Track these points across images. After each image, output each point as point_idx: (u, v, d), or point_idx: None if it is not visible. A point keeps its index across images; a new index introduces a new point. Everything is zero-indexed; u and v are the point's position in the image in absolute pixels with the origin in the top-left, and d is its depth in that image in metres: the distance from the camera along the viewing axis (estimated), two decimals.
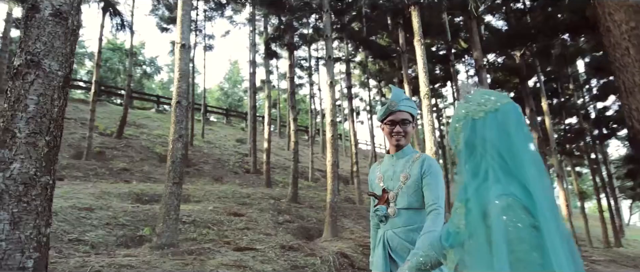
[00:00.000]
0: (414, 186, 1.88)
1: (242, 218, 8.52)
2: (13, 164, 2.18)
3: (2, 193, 2.12)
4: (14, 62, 2.33)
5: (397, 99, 1.98)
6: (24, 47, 2.33)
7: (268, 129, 14.27)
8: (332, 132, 9.00)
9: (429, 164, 1.90)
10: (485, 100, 1.10)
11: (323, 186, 17.76)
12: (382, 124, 2.04)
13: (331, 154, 8.93)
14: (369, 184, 2.10)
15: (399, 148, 1.98)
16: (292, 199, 11.49)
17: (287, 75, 12.92)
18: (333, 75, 9.23)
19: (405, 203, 1.89)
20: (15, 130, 2.21)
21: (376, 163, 2.14)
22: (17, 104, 2.25)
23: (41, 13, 2.38)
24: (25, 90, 2.27)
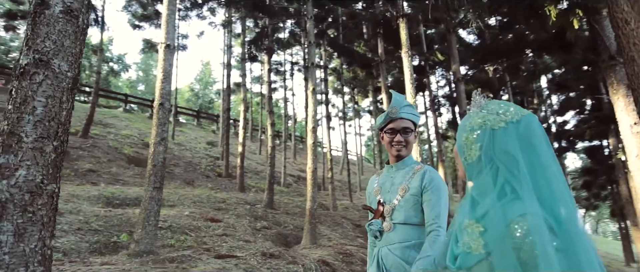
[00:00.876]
0: (412, 199, 1.73)
1: (219, 224, 8.32)
2: (18, 171, 2.02)
3: (7, 202, 1.96)
4: (20, 61, 2.17)
5: (398, 105, 1.83)
6: (32, 45, 2.17)
7: (243, 133, 14.06)
8: (312, 139, 8.98)
9: (430, 178, 1.74)
10: (504, 110, 1.03)
11: (296, 191, 17.68)
12: (381, 132, 1.89)
13: (312, 160, 8.90)
14: (367, 196, 1.98)
15: (399, 159, 1.84)
16: (267, 205, 11.34)
17: (265, 79, 12.79)
18: (315, 82, 9.23)
19: (402, 218, 1.73)
20: (21, 134, 2.05)
21: (375, 174, 2.02)
22: (23, 105, 2.09)
23: (51, 10, 2.23)
24: (33, 91, 2.12)
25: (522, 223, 0.89)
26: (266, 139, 22.32)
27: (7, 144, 2.02)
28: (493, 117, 1.02)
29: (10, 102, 2.10)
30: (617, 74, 5.92)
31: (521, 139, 0.97)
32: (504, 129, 0.99)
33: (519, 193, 0.94)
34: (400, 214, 1.74)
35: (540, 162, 0.96)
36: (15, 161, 2.02)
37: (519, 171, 0.95)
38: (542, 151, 0.97)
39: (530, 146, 0.97)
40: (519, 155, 0.96)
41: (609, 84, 6.01)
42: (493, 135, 1.00)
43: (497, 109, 1.04)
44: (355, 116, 25.24)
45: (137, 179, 12.55)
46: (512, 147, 0.97)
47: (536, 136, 0.98)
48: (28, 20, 2.23)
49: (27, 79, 2.12)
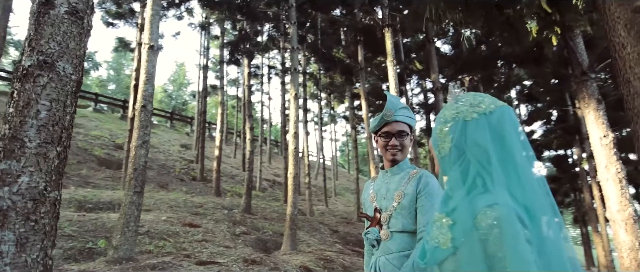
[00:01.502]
0: (409, 206, 1.66)
1: (198, 229, 8.14)
2: (21, 178, 1.93)
3: (8, 210, 1.87)
4: (22, 62, 2.08)
5: (393, 108, 1.75)
6: (35, 46, 2.09)
7: (220, 136, 13.86)
8: (294, 145, 8.98)
9: (425, 183, 1.67)
10: (479, 102, 1.00)
11: (271, 196, 17.56)
12: (375, 136, 1.82)
13: (293, 166, 8.88)
14: (363, 203, 1.90)
15: (394, 163, 1.76)
16: (245, 210, 11.21)
17: (243, 82, 12.68)
18: (298, 87, 9.24)
19: (399, 226, 1.66)
20: (24, 139, 1.97)
21: (369, 180, 1.94)
22: (27, 109, 2.00)
23: (56, 10, 2.15)
24: (37, 94, 2.04)
25: (489, 213, 0.86)
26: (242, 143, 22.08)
27: (9, 149, 1.93)
28: (466, 109, 0.99)
29: (12, 104, 2.01)
30: (588, 88, 6.24)
31: (493, 131, 0.94)
32: (476, 120, 0.96)
33: (488, 186, 0.91)
34: (397, 221, 1.67)
35: (512, 154, 0.92)
36: (17, 167, 1.93)
37: (490, 163, 0.92)
38: (514, 142, 0.94)
39: (502, 137, 0.94)
40: (490, 147, 0.93)
41: (581, 98, 6.33)
42: (465, 127, 0.97)
43: (472, 100, 1.01)
44: (330, 121, 25.36)
45: (109, 182, 12.12)
46: (483, 139, 0.94)
47: (509, 127, 0.95)
48: (31, 20, 2.14)
49: (31, 81, 2.04)
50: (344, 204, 21.06)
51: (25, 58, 2.08)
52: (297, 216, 8.93)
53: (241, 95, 23.69)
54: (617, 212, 5.74)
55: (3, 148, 1.94)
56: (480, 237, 0.87)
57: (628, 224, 5.63)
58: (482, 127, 0.95)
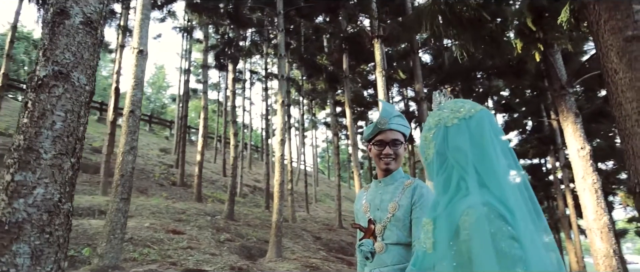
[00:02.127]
0: (403, 218, 1.62)
1: (182, 236, 8.03)
2: (36, 189, 1.91)
3: (24, 222, 1.85)
4: (36, 72, 2.06)
5: (387, 116, 1.72)
6: (50, 56, 2.08)
7: (202, 141, 13.70)
8: (281, 151, 8.99)
9: (420, 194, 1.63)
10: (459, 107, 1.02)
11: (252, 202, 17.45)
12: (369, 144, 1.77)
13: (279, 173, 8.89)
14: (355, 213, 1.84)
15: (387, 172, 1.72)
16: (228, 216, 11.11)
17: (229, 88, 12.62)
18: (285, 94, 9.28)
19: (394, 238, 1.61)
20: (40, 150, 1.95)
21: (362, 190, 1.89)
22: (42, 120, 1.99)
23: (71, 20, 2.15)
24: (52, 105, 2.02)
25: (468, 216, 0.87)
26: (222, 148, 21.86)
27: (25, 160, 1.92)
28: (447, 115, 1.01)
29: (26, 115, 1.99)
30: (567, 102, 6.54)
31: (472, 135, 0.96)
32: (457, 125, 0.98)
33: (471, 188, 0.93)
34: (392, 233, 1.62)
35: (489, 157, 0.94)
36: (33, 179, 1.91)
37: (471, 167, 0.94)
38: (493, 146, 0.95)
39: (481, 141, 0.95)
40: (469, 150, 0.95)
41: (560, 112, 6.62)
42: (446, 132, 0.99)
43: (453, 106, 1.03)
44: (311, 127, 25.44)
45: (86, 187, 11.78)
46: (463, 143, 0.96)
47: (487, 131, 0.97)
48: (45, 29, 2.13)
49: (46, 91, 2.02)
50: (324, 211, 21.11)
51: (39, 68, 2.06)
52: (282, 223, 8.93)
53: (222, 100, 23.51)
54: (593, 221, 6.02)
55: (18, 159, 1.91)
56: (463, 238, 0.88)
57: (603, 232, 5.91)
58: (462, 131, 0.97)
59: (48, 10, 2.18)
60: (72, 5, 2.17)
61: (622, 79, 2.07)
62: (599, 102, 10.49)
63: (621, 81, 2.08)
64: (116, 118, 11.77)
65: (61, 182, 2.00)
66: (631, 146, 2.08)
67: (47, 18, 2.15)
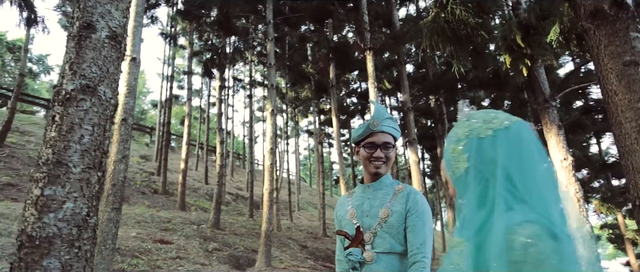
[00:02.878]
0: (397, 225, 1.52)
1: (170, 246, 7.91)
2: (66, 204, 1.91)
3: (54, 237, 1.84)
4: (63, 85, 2.06)
5: (380, 117, 1.63)
6: (77, 70, 2.08)
7: (186, 148, 13.54)
8: (271, 160, 9.00)
9: (415, 200, 1.56)
10: (492, 118, 0.96)
11: (236, 210, 17.29)
12: (357, 146, 1.67)
13: (269, 181, 8.90)
14: (337, 220, 1.71)
15: (377, 177, 1.62)
16: (214, 225, 10.99)
17: (216, 96, 12.55)
18: (275, 103, 9.32)
19: (386, 246, 1.51)
20: (69, 164, 1.95)
21: (345, 195, 1.77)
22: (70, 133, 1.99)
23: (98, 34, 2.16)
24: (80, 119, 2.03)
25: (521, 232, 0.80)
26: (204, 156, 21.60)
27: (54, 174, 1.91)
28: (479, 126, 0.95)
29: (54, 129, 1.99)
30: (550, 115, 6.83)
31: (510, 147, 0.90)
32: (492, 137, 0.93)
33: (511, 204, 0.87)
34: (383, 241, 1.52)
35: (530, 171, 0.88)
36: (62, 193, 1.91)
37: (509, 182, 0.88)
38: (533, 158, 0.90)
39: (520, 153, 0.90)
40: (507, 164, 0.89)
41: (544, 124, 6.90)
42: (480, 144, 0.93)
43: (484, 117, 0.97)
44: (294, 135, 25.48)
45: None
46: (501, 155, 0.90)
47: (526, 143, 0.91)
48: (71, 43, 2.14)
49: (74, 105, 2.03)
50: (307, 219, 21.11)
51: (66, 82, 2.07)
52: (272, 232, 8.91)
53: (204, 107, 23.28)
54: (575, 229, 6.30)
55: (47, 173, 1.91)
56: (513, 259, 0.81)
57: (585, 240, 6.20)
58: (499, 143, 0.91)
59: (73, 23, 2.19)
60: (98, 19, 2.18)
61: (621, 100, 2.25)
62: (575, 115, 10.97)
63: (620, 102, 2.25)
64: None
65: (89, 196, 2.00)
66: (631, 162, 2.24)
67: (72, 32, 2.16)
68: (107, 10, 2.22)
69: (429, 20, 4.29)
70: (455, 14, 3.88)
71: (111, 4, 2.24)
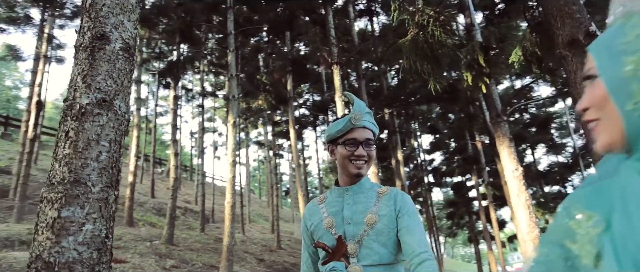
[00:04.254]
0: (386, 230, 1.33)
1: (125, 265, 7.43)
2: (85, 226, 1.78)
3: (74, 263, 1.71)
4: (76, 99, 1.94)
5: (361, 110, 1.44)
6: (92, 82, 1.97)
7: (135, 161, 12.85)
8: (232, 173, 8.82)
9: (404, 200, 1.38)
10: None
11: (186, 224, 16.59)
12: (332, 145, 1.47)
13: (230, 194, 8.70)
14: (305, 231, 1.49)
15: (358, 178, 1.43)
16: (168, 241, 10.48)
17: (170, 106, 12.06)
18: (236, 115, 9.18)
19: (374, 258, 1.32)
20: (87, 183, 1.83)
21: (314, 201, 1.54)
22: (87, 150, 1.87)
23: (112, 45, 2.06)
24: (98, 134, 1.91)
25: None
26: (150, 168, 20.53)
27: (72, 194, 1.79)
28: None
29: (69, 145, 1.86)
30: (502, 128, 7.39)
31: None
32: None
33: None
34: (370, 252, 1.32)
35: None
36: (81, 214, 1.79)
37: None
38: None
39: None
40: None
41: (497, 137, 7.45)
42: None
43: None
44: (245, 146, 25.12)
45: None
46: None
47: None
48: (83, 54, 2.02)
49: (90, 120, 1.92)
50: (259, 231, 20.76)
51: (80, 95, 1.94)
52: (233, 246, 8.68)
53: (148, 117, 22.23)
54: (527, 233, 6.84)
55: (64, 193, 1.78)
56: None
57: (536, 243, 6.76)
58: None
59: (84, 34, 2.07)
60: (112, 30, 2.09)
61: None
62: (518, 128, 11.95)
63: None
64: (37, 135, 10.59)
65: (107, 217, 1.89)
66: None
67: (84, 42, 2.05)
68: (120, 21, 2.13)
69: (408, 39, 4.55)
70: (435, 35, 4.16)
71: (123, 15, 2.15)
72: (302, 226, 1.53)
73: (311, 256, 1.49)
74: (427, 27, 4.16)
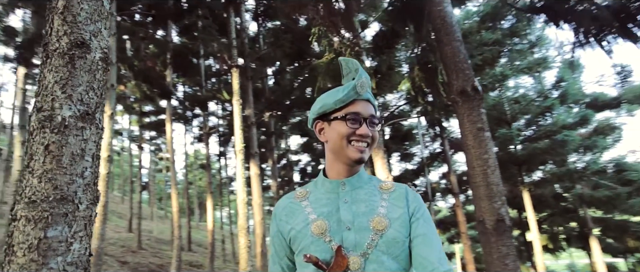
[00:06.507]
0: (401, 240, 1.03)
1: None
2: (73, 245, 1.72)
3: None
4: (56, 110, 1.83)
5: (368, 81, 1.14)
6: (73, 93, 1.87)
7: None
8: (107, 169, 8.04)
9: (417, 200, 1.11)
10: None
11: None
12: (323, 122, 1.14)
13: (104, 193, 7.90)
14: (279, 236, 1.13)
15: (356, 167, 1.12)
16: None
17: (20, 86, 10.11)
18: (114, 106, 8.39)
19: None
20: (75, 200, 1.76)
21: (289, 197, 1.18)
22: (73, 166, 1.78)
23: (92, 55, 1.99)
24: (82, 149, 1.83)
25: None
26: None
27: (59, 212, 1.72)
28: None
29: (51, 160, 1.78)
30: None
31: None
32: None
33: None
34: (380, 268, 1.00)
35: None
36: (69, 233, 1.73)
37: None
38: None
39: None
40: None
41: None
42: None
43: None
44: None
45: None
46: None
47: None
48: (59, 60, 1.92)
49: (73, 134, 1.85)
50: (113, 230, 18.85)
51: (60, 106, 1.84)
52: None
53: None
54: None
55: (51, 212, 1.70)
56: None
57: None
58: None
59: (59, 37, 1.96)
60: (92, 38, 2.01)
61: (475, 153, 3.42)
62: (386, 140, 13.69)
63: (474, 152, 3.42)
64: None
65: (90, 235, 1.86)
66: (477, 193, 3.43)
67: (60, 47, 1.94)
68: (99, 28, 2.06)
69: (324, 61, 5.02)
70: None
71: (101, 22, 2.09)
72: (274, 230, 1.14)
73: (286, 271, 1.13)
74: (344, 54, 4.73)
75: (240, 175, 7.68)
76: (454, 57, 3.61)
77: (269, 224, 1.24)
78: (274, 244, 1.16)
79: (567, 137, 12.52)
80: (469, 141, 3.46)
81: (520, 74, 14.26)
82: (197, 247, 21.78)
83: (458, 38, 3.77)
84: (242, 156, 7.72)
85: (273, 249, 1.17)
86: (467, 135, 3.48)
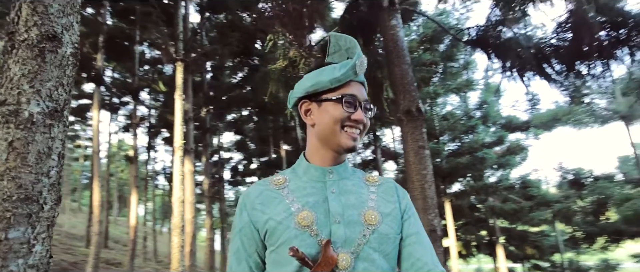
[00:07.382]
0: (393, 237, 0.95)
1: None
2: (36, 247, 1.66)
3: None
4: (23, 105, 1.75)
5: (366, 61, 1.03)
6: (41, 88, 1.80)
7: None
8: None
9: (406, 197, 1.06)
10: None
11: None
12: (311, 102, 1.02)
13: None
14: (258, 227, 0.96)
15: (345, 155, 1.04)
16: None
17: None
18: None
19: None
20: (40, 201, 1.70)
21: (264, 183, 1.03)
22: (39, 165, 1.71)
23: (63, 49, 1.92)
24: (48, 148, 1.76)
25: None
26: None
27: (22, 213, 1.65)
28: None
29: (14, 158, 1.69)
30: None
31: None
32: None
33: None
34: (371, 267, 0.90)
35: None
36: (31, 234, 1.68)
37: None
38: None
39: None
40: None
41: None
42: None
43: None
44: None
45: None
46: None
47: None
48: (27, 52, 1.84)
49: (41, 131, 1.79)
50: None
51: (28, 101, 1.77)
52: None
53: None
54: None
55: (13, 212, 1.63)
56: None
57: None
58: None
59: (28, 28, 1.88)
60: (63, 31, 1.94)
61: (415, 168, 3.74)
62: None
63: (415, 167, 3.74)
64: None
65: (51, 236, 1.81)
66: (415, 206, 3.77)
67: (28, 38, 1.86)
68: (70, 22, 1.99)
69: (277, 68, 5.07)
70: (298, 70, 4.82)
71: (74, 16, 2.03)
72: (243, 222, 0.97)
73: (254, 271, 0.97)
74: (298, 63, 4.84)
75: (177, 172, 7.41)
76: (403, 79, 3.94)
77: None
78: (241, 238, 0.97)
79: (486, 155, 13.84)
80: (411, 157, 3.78)
81: (449, 93, 15.47)
82: (114, 243, 20.43)
83: (407, 61, 4.11)
84: (181, 153, 7.47)
85: (238, 244, 0.97)
86: (409, 152, 3.80)
